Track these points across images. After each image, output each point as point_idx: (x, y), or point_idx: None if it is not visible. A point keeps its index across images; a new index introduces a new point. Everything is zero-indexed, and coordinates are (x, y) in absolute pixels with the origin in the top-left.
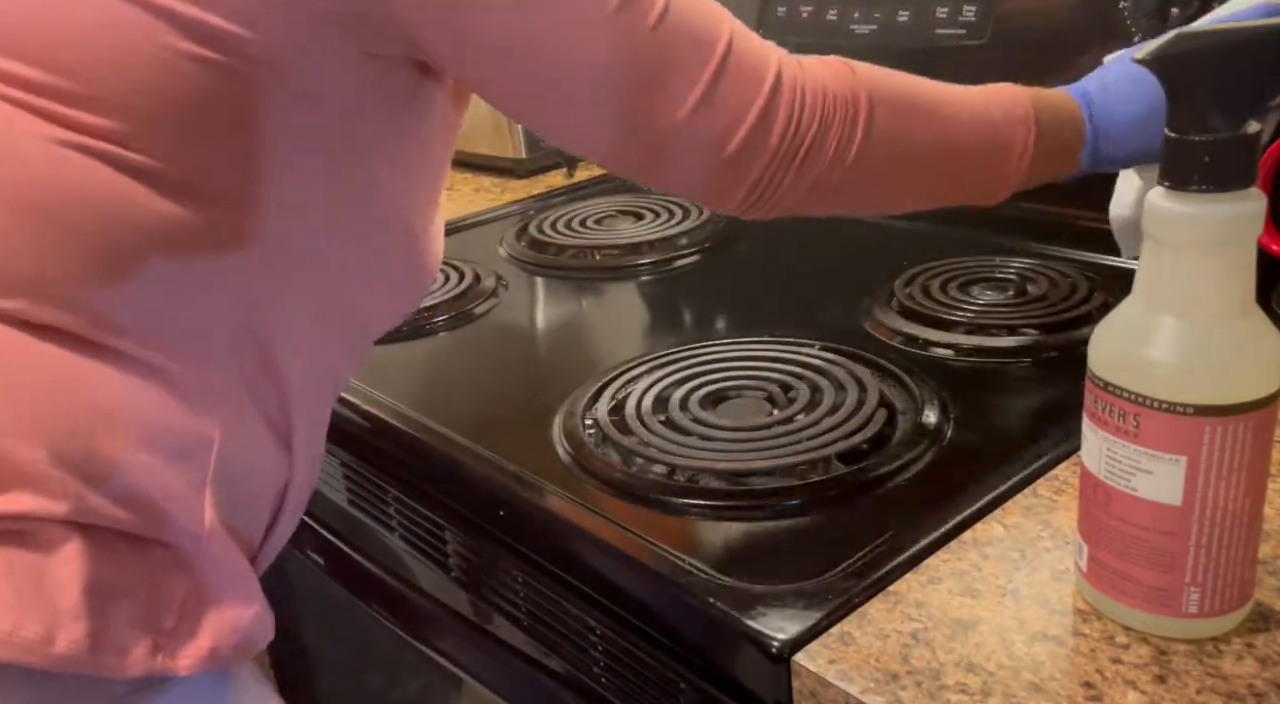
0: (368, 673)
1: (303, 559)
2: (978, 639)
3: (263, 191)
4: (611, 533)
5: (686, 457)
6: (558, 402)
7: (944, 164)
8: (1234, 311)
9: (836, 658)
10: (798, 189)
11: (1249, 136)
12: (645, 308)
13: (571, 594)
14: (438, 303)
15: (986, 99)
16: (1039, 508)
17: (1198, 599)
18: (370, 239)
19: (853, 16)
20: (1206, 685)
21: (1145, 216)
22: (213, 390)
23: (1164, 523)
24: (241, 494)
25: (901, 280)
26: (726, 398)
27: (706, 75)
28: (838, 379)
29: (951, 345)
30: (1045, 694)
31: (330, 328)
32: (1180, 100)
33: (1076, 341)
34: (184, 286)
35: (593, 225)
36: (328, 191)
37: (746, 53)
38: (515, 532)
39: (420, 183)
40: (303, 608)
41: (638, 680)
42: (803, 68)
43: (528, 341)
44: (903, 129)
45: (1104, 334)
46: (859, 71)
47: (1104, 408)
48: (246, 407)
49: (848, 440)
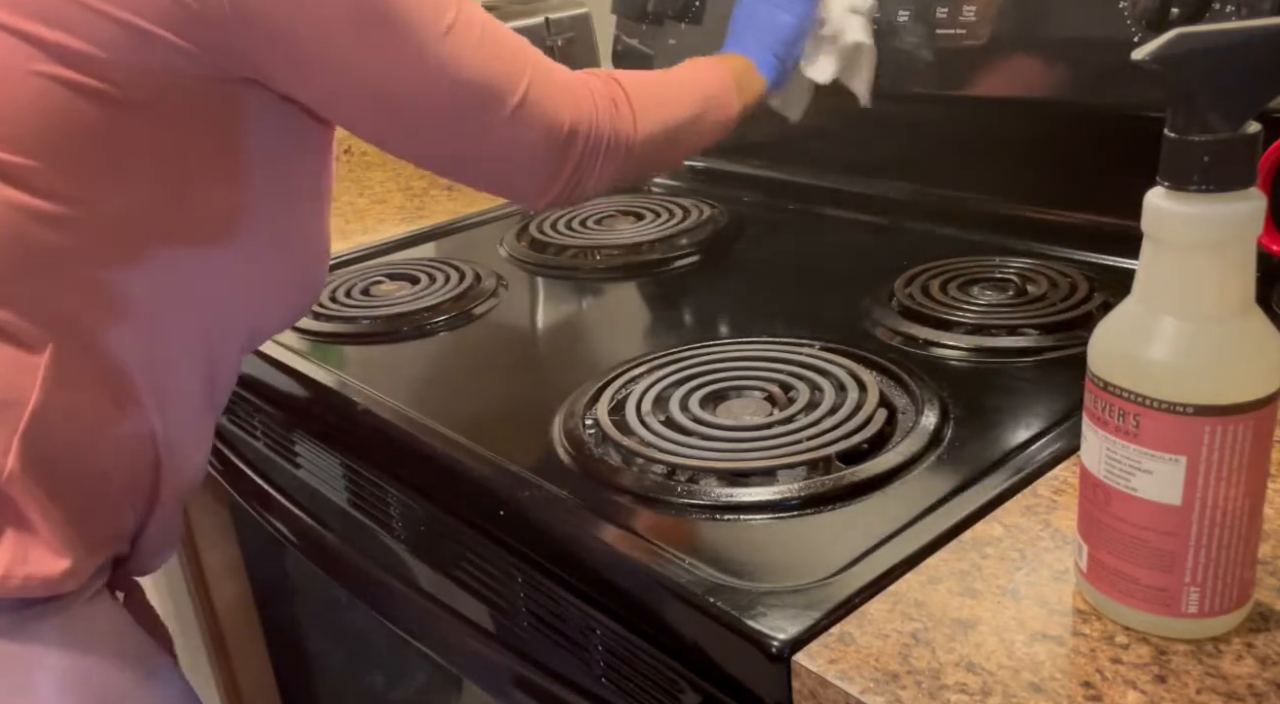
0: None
1: (303, 559)
2: (978, 639)
3: (107, 193)
4: (612, 533)
5: (686, 457)
6: (558, 402)
7: (691, 129)
8: (1234, 311)
9: (836, 658)
10: (602, 179)
11: (1249, 136)
12: (645, 308)
13: (572, 594)
14: (438, 303)
15: (695, 67)
16: (1039, 508)
17: (1197, 599)
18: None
19: None
20: (1206, 685)
21: (1145, 216)
22: (47, 356)
23: (1164, 523)
24: (69, 463)
25: (901, 280)
26: (726, 398)
27: (521, 92)
28: (838, 379)
29: (951, 345)
30: (1045, 694)
31: (181, 320)
32: (1180, 100)
33: (1076, 342)
34: (33, 266)
35: (593, 225)
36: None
37: (553, 71)
38: (515, 532)
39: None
40: (303, 608)
41: (638, 680)
42: (590, 82)
43: (528, 341)
44: (662, 116)
45: (1104, 334)
46: (621, 79)
47: (1104, 408)
48: (83, 381)
49: (848, 440)
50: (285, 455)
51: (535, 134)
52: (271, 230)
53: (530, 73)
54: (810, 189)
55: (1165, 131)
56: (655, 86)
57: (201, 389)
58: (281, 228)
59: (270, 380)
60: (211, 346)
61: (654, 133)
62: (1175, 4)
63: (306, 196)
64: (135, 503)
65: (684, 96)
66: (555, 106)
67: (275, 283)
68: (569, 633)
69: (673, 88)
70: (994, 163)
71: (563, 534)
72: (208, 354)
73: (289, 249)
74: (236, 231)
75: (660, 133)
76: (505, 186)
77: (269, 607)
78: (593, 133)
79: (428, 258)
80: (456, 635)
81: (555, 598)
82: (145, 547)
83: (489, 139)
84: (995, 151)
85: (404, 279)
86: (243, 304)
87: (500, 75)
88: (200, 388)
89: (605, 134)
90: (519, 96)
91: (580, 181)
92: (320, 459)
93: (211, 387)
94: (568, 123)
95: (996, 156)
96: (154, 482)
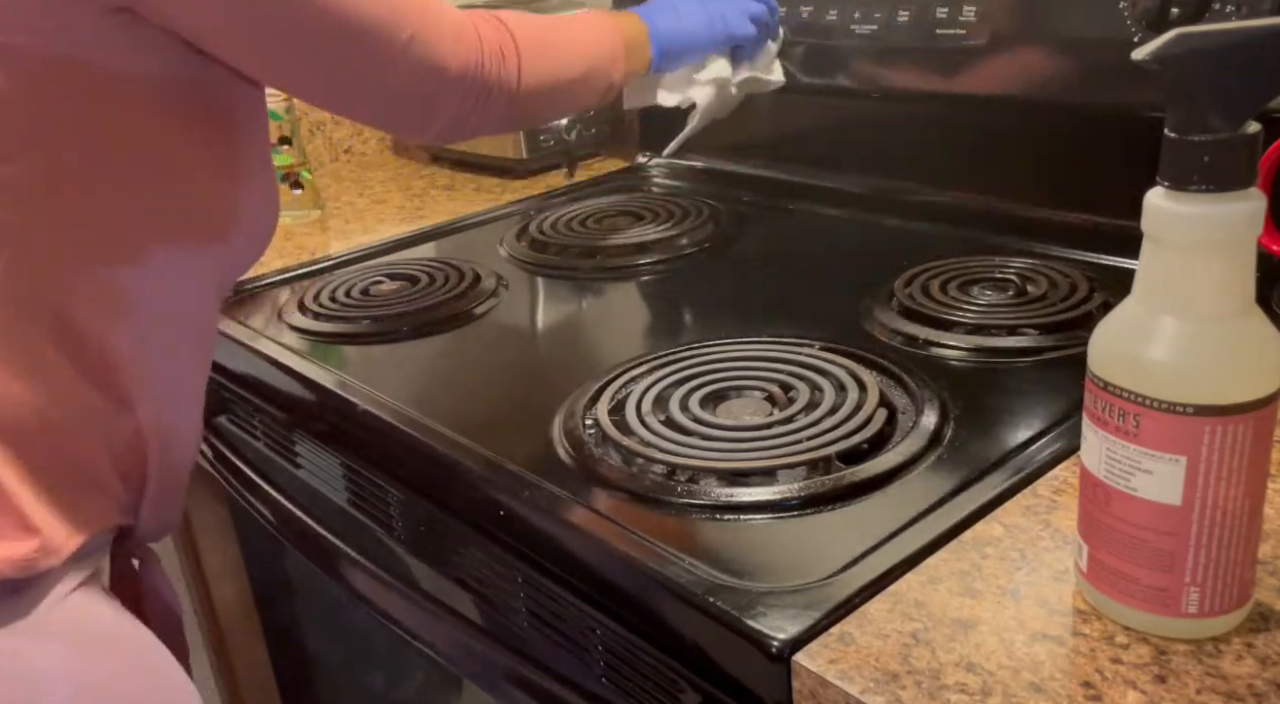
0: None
1: (303, 559)
2: (978, 639)
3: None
4: (612, 533)
5: (686, 456)
6: (558, 402)
7: (575, 87)
8: (1234, 311)
9: (836, 658)
10: (484, 122)
11: (1249, 136)
12: (645, 308)
13: (572, 594)
14: (438, 303)
15: (592, 26)
16: (1039, 508)
17: (1197, 599)
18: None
19: (853, 16)
20: (1206, 685)
21: (1145, 217)
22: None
23: (1164, 523)
24: (42, 439)
25: (901, 280)
26: (726, 398)
27: (409, 31)
28: (838, 379)
29: (951, 345)
30: (1045, 694)
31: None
32: (1180, 100)
33: (1076, 342)
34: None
35: (593, 225)
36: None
37: (443, 13)
38: (515, 532)
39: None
40: (303, 608)
41: (638, 680)
42: (480, 26)
43: (528, 341)
44: (548, 69)
45: (1104, 334)
46: (512, 27)
47: (1104, 408)
48: (45, 353)
49: (848, 440)
50: (285, 455)
51: (420, 73)
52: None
53: (419, 14)
54: (810, 189)
55: (1165, 131)
56: (546, 39)
57: (185, 355)
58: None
59: (270, 380)
60: (188, 300)
61: (538, 85)
62: (1175, 4)
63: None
64: (126, 477)
65: (573, 54)
66: (442, 50)
67: (249, 233)
68: (569, 633)
69: (563, 43)
70: (994, 163)
71: (563, 534)
72: (184, 308)
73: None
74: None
75: (544, 85)
76: (385, 123)
77: (269, 607)
78: (477, 78)
79: (428, 258)
80: (456, 635)
81: (555, 598)
82: (146, 517)
83: (372, 74)
84: (995, 151)
85: (404, 279)
86: (226, 260)
87: (390, 11)
88: (184, 355)
89: (490, 80)
90: (408, 33)
91: (462, 123)
92: (320, 459)
93: (198, 344)
94: (453, 67)
95: (996, 156)
96: (140, 459)
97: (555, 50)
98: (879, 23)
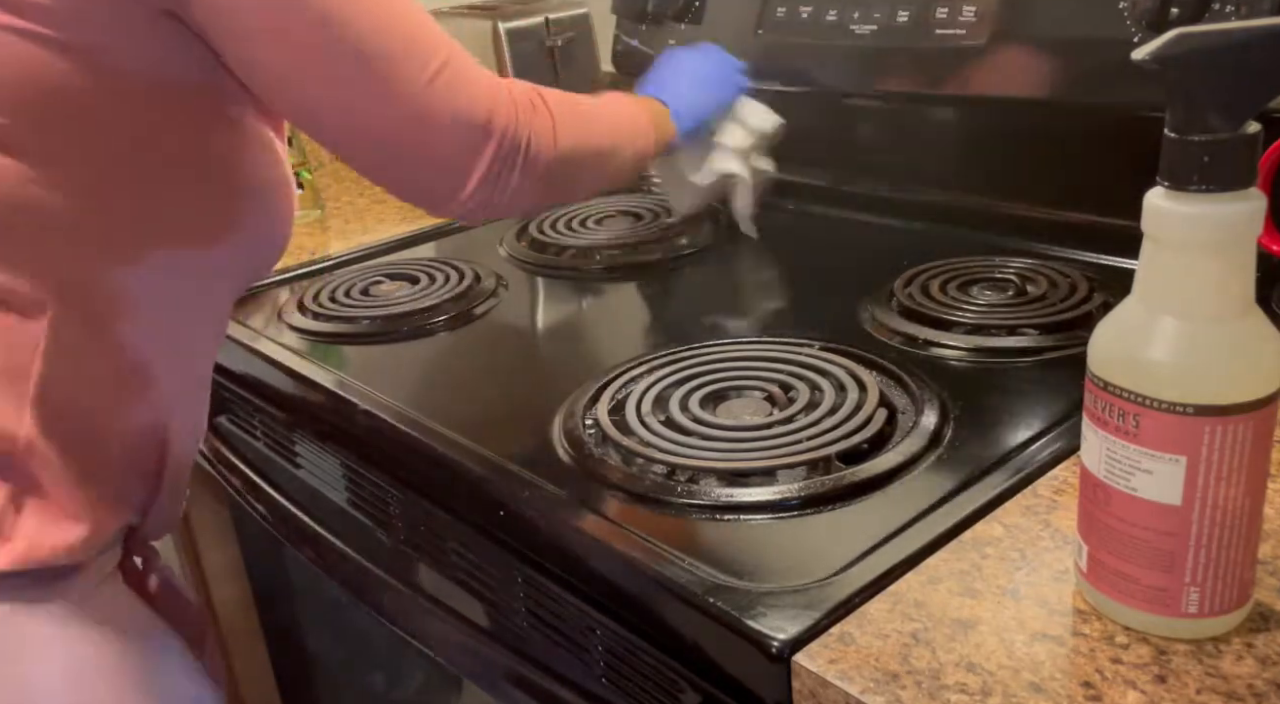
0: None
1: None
2: (978, 639)
3: (81, 155)
4: (612, 533)
5: (686, 457)
6: (558, 401)
7: (610, 156)
8: (1234, 311)
9: (836, 658)
10: (519, 192)
11: (1249, 136)
12: (645, 308)
13: (572, 594)
14: (438, 303)
15: (614, 101)
16: (1039, 508)
17: (1197, 599)
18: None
19: (853, 16)
20: (1206, 685)
21: (1145, 216)
22: (45, 323)
23: (1164, 523)
24: (81, 432)
25: (901, 280)
26: (726, 398)
27: (440, 61)
28: (838, 379)
29: (951, 345)
30: (1045, 694)
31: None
32: (1180, 100)
33: (1076, 341)
34: (21, 227)
35: (593, 225)
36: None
37: (472, 63)
38: (515, 532)
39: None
40: (303, 608)
41: (638, 680)
42: (510, 85)
43: (528, 342)
44: (582, 132)
45: (1104, 334)
46: (541, 90)
47: (1104, 408)
48: (83, 346)
49: (848, 440)
50: (285, 455)
51: (453, 109)
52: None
53: (450, 52)
54: (810, 189)
55: (1165, 131)
56: (577, 104)
57: (202, 346)
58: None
59: (270, 380)
60: (206, 306)
61: (573, 147)
62: (1175, 4)
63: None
64: (144, 470)
65: (605, 120)
66: (474, 89)
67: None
68: (569, 633)
69: (593, 110)
70: (994, 163)
71: (563, 534)
72: (203, 314)
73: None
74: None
75: (579, 150)
76: (416, 183)
77: (269, 607)
78: (511, 128)
79: (428, 258)
80: (456, 635)
81: (555, 598)
82: (154, 514)
83: (401, 103)
84: (995, 151)
85: (404, 279)
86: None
87: (422, 40)
88: (201, 346)
89: (524, 134)
90: (439, 62)
91: (497, 184)
92: (320, 459)
93: (213, 341)
94: (485, 110)
95: (996, 156)
96: (161, 447)
97: (586, 114)
98: (879, 23)
